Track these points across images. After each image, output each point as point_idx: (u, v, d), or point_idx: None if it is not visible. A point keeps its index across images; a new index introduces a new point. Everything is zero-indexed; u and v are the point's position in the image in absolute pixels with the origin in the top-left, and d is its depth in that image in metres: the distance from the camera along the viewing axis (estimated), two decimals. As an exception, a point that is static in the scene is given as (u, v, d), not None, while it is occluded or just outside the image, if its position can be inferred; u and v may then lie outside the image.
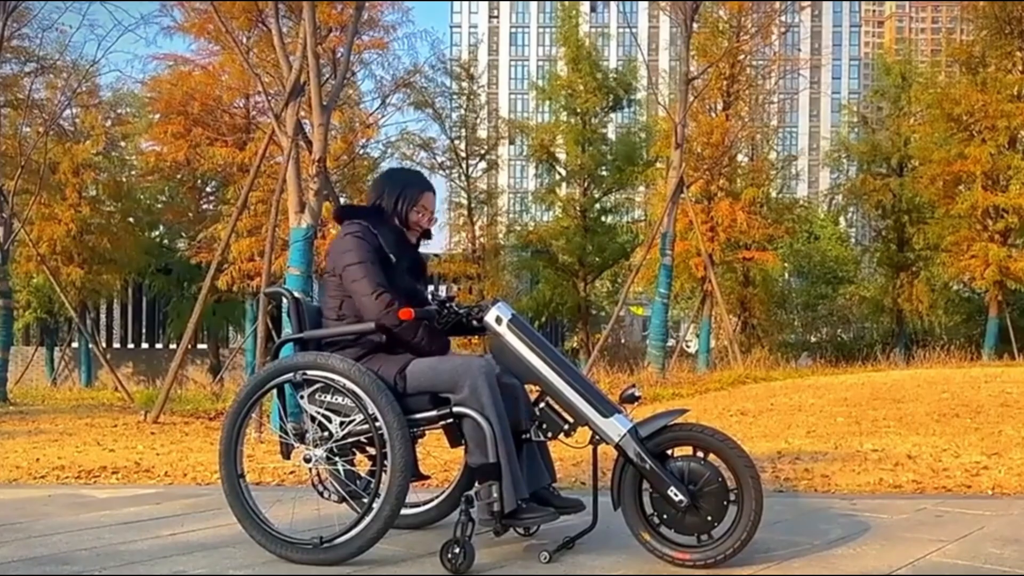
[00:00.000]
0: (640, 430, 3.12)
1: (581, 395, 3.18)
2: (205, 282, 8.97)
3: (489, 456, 3.12)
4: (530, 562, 3.22)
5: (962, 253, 20.83)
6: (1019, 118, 20.19)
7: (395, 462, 3.14)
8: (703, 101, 19.45)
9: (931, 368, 12.81)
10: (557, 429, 3.24)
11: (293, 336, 3.44)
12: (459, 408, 3.20)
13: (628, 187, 26.68)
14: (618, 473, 3.17)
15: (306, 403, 3.31)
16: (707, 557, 3.04)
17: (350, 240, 3.37)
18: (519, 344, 3.26)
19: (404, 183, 3.58)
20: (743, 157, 22.92)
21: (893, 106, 26.31)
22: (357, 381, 3.19)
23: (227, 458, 3.37)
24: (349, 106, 18.56)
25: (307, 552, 3.23)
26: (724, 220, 19.82)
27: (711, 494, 3.03)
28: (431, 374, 3.27)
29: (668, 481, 3.04)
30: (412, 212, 3.51)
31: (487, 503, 3.12)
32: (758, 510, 3.00)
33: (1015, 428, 6.54)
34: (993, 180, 20.66)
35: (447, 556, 3.08)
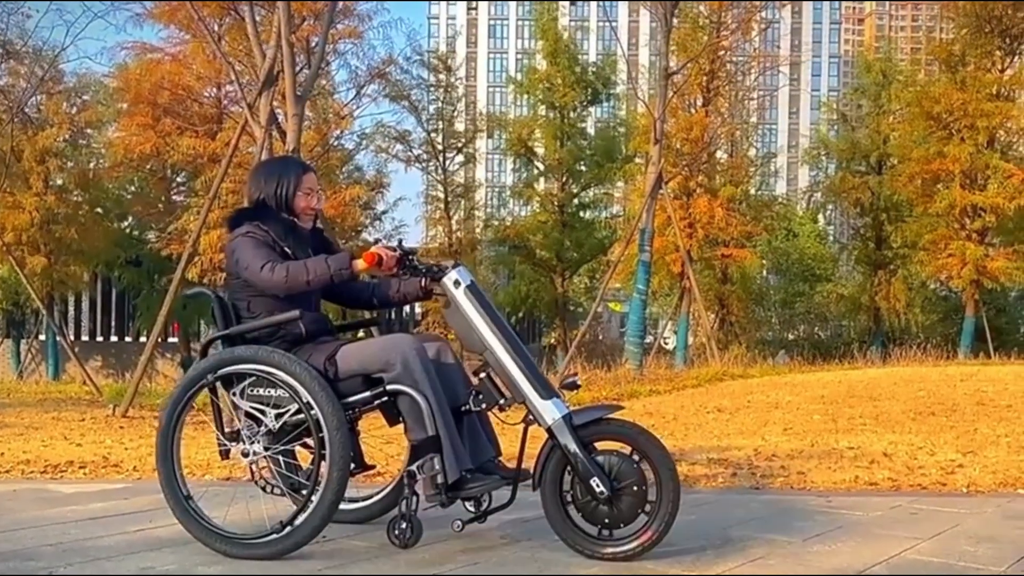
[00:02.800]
0: (574, 418, 3.16)
1: (524, 373, 3.21)
2: (176, 275, 8.90)
3: (428, 429, 3.16)
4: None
5: (939, 252, 21.07)
6: (998, 117, 20.45)
7: (333, 449, 3.15)
8: (682, 97, 19.55)
9: (907, 366, 12.96)
10: (493, 401, 3.27)
11: (219, 334, 3.43)
12: (393, 386, 3.22)
13: (606, 182, 26.76)
14: (544, 456, 3.20)
15: (238, 399, 3.32)
16: (618, 553, 3.11)
17: (238, 241, 3.41)
18: (472, 311, 3.27)
19: (279, 171, 3.56)
20: (722, 154, 23.06)
21: (873, 104, 26.56)
22: (289, 371, 3.21)
23: (164, 459, 3.37)
24: (323, 97, 18.49)
25: (246, 547, 3.23)
26: (703, 217, 19.93)
27: (630, 492, 3.08)
28: (361, 356, 3.29)
29: (592, 471, 3.08)
30: (297, 198, 3.50)
31: (430, 476, 3.15)
32: (672, 510, 3.08)
33: (990, 426, 6.63)
34: (971, 179, 20.91)
35: (395, 532, 3.15)
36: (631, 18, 77.81)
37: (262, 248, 3.36)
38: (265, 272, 3.30)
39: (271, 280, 3.30)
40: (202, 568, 3.13)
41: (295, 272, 3.30)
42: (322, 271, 3.31)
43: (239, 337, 3.41)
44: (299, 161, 3.77)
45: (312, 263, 3.33)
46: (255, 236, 3.39)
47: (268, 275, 3.30)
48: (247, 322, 3.42)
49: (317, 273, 3.30)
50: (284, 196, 3.48)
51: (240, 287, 3.43)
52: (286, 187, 3.48)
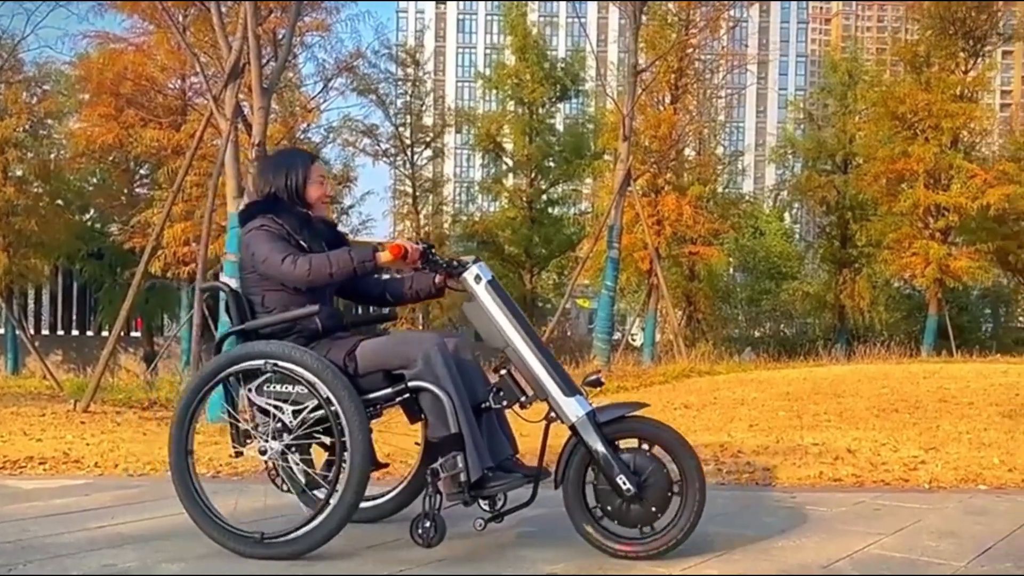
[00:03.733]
0: (598, 415, 3.14)
1: (547, 369, 3.19)
2: (139, 268, 8.78)
3: (450, 427, 3.12)
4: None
5: (903, 251, 21.36)
6: (961, 118, 20.75)
7: (354, 445, 3.11)
8: (651, 94, 19.61)
9: (871, 364, 13.12)
10: (513, 398, 3.24)
11: (234, 329, 3.39)
12: (415, 382, 3.18)
13: (575, 179, 26.84)
14: (567, 454, 3.18)
15: (254, 395, 3.27)
16: (642, 551, 3.10)
17: (252, 234, 3.37)
18: (494, 307, 3.25)
19: (286, 163, 3.53)
20: (690, 151, 23.18)
21: (839, 104, 26.86)
22: (309, 367, 3.17)
23: (178, 454, 3.31)
24: (290, 89, 18.34)
25: (269, 547, 3.18)
26: (671, 214, 20.02)
27: (656, 488, 3.08)
28: (382, 352, 3.27)
29: (619, 468, 3.07)
30: (308, 188, 3.47)
31: (452, 475, 3.11)
32: (699, 508, 3.08)
33: (952, 423, 6.74)
34: (935, 179, 21.21)
35: (418, 531, 3.10)
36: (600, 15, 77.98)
37: (279, 241, 3.32)
38: (287, 265, 3.26)
39: (293, 273, 3.26)
40: (164, 565, 3.11)
41: (318, 264, 3.26)
42: (345, 263, 3.28)
43: (253, 333, 3.37)
44: (305, 151, 3.72)
45: (335, 255, 3.30)
46: (269, 229, 3.34)
47: (290, 268, 3.26)
48: (262, 317, 3.37)
49: (340, 265, 3.27)
50: (295, 188, 3.45)
51: (255, 281, 3.39)
52: (295, 179, 3.46)
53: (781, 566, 3.11)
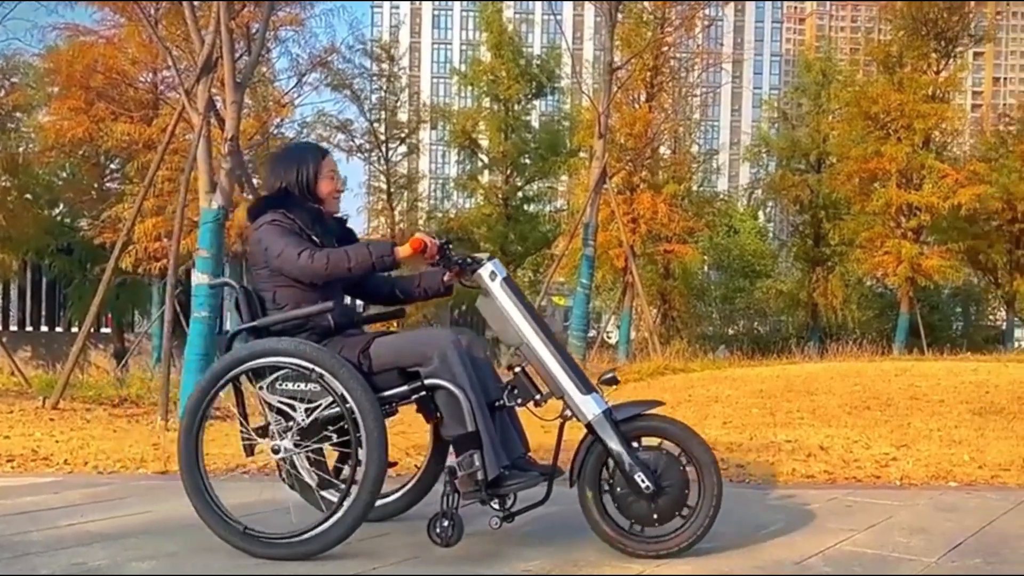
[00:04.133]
0: (615, 413, 3.13)
1: (563, 367, 3.17)
2: (109, 264, 8.69)
3: (467, 425, 3.09)
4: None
5: (876, 249, 21.58)
6: (933, 118, 21.00)
7: (370, 444, 3.08)
8: (627, 92, 19.67)
9: (844, 361, 13.23)
10: (528, 396, 3.21)
11: (245, 326, 3.31)
12: (431, 380, 3.15)
13: (551, 176, 26.88)
14: (583, 452, 3.17)
15: (266, 393, 3.22)
16: (659, 549, 3.10)
17: (264, 229, 3.31)
18: (509, 304, 3.22)
19: (297, 158, 3.48)
20: (665, 150, 23.28)
21: (813, 103, 27.09)
22: (323, 364, 3.12)
23: (187, 453, 3.27)
24: (264, 84, 18.21)
25: (276, 547, 3.14)
26: (646, 212, 20.10)
27: (672, 486, 3.07)
28: (397, 349, 3.23)
29: (637, 467, 3.06)
30: (320, 183, 3.43)
31: (469, 473, 3.08)
32: (716, 506, 3.08)
33: (923, 421, 6.82)
34: (907, 178, 21.45)
35: (436, 530, 3.07)
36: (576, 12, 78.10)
37: (292, 235, 3.27)
38: (303, 259, 3.20)
39: (310, 268, 3.21)
40: (135, 564, 3.08)
41: (336, 259, 3.21)
42: (364, 258, 3.23)
43: (264, 330, 3.30)
44: (316, 146, 3.66)
45: (353, 250, 3.26)
46: (282, 224, 3.29)
47: (307, 262, 3.20)
48: (273, 314, 3.31)
49: (359, 260, 3.23)
50: (306, 183, 3.40)
51: (265, 277, 3.33)
52: (306, 173, 3.40)
53: (754, 562, 3.13)
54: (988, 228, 23.54)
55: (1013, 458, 5.24)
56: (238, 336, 3.37)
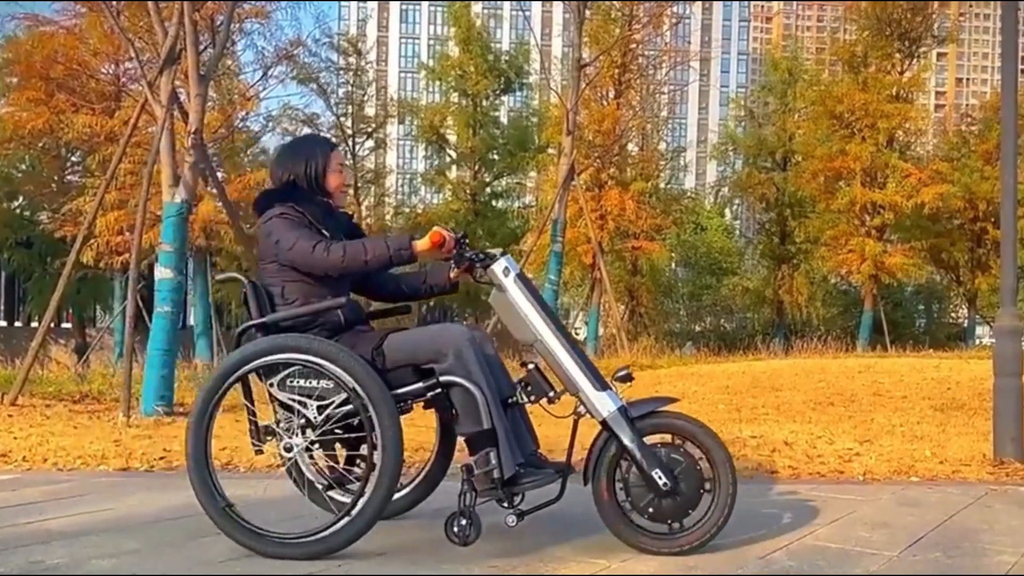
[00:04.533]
0: (630, 410, 3.09)
1: (577, 364, 3.12)
2: (70, 257, 8.56)
3: (483, 423, 3.03)
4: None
5: (840, 247, 21.85)
6: (897, 118, 21.29)
7: (386, 442, 3.02)
8: (595, 89, 19.73)
9: (808, 358, 13.38)
10: (542, 393, 3.16)
11: (255, 322, 3.21)
12: (446, 377, 3.09)
13: (519, 172, 26.89)
14: (597, 449, 3.13)
15: (276, 390, 3.13)
16: (673, 546, 3.09)
17: (274, 222, 3.22)
18: (523, 300, 3.17)
19: (305, 151, 3.41)
20: (633, 147, 23.38)
21: (779, 102, 27.36)
22: (337, 361, 3.06)
23: (196, 450, 3.15)
24: (228, 77, 18.04)
25: (292, 546, 3.06)
26: (614, 209, 20.20)
27: (689, 484, 3.05)
28: (411, 345, 3.17)
29: (654, 464, 3.02)
30: (328, 176, 3.36)
31: (486, 471, 3.02)
32: (731, 504, 3.07)
33: (886, 416, 6.91)
34: (871, 177, 21.74)
35: (453, 529, 3.01)
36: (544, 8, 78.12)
37: (304, 228, 3.19)
38: (319, 252, 3.13)
39: (326, 261, 3.14)
40: (95, 562, 3.03)
41: (353, 252, 3.14)
42: (381, 251, 3.17)
43: (273, 326, 3.20)
44: (324, 138, 3.59)
45: (370, 243, 3.20)
46: (291, 217, 3.21)
47: (322, 255, 3.13)
48: (282, 309, 3.22)
49: (376, 253, 3.16)
50: (314, 176, 3.33)
51: (274, 272, 3.24)
52: (315, 167, 3.33)
53: (718, 557, 3.15)
54: (950, 227, 23.94)
55: (973, 453, 5.32)
56: (246, 332, 3.28)
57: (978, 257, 24.11)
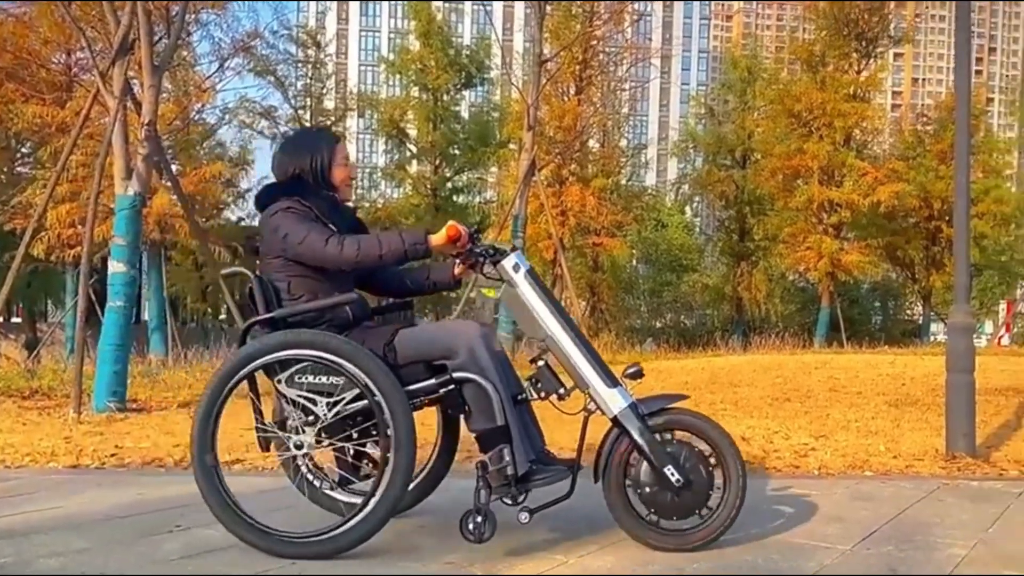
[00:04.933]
0: (641, 407, 3.10)
1: (588, 360, 3.11)
2: (19, 251, 8.39)
3: (497, 419, 3.01)
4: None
5: (798, 245, 22.14)
6: (854, 117, 21.61)
7: (399, 439, 2.98)
8: (556, 85, 19.78)
9: (766, 354, 13.54)
10: (552, 390, 3.13)
11: (261, 317, 3.14)
12: (460, 373, 3.06)
13: (480, 167, 26.87)
14: (608, 446, 3.12)
15: (284, 387, 3.08)
16: (683, 542, 3.10)
17: (280, 216, 3.16)
18: (534, 296, 3.16)
19: (311, 144, 3.36)
20: (594, 143, 23.46)
21: (739, 100, 27.63)
22: (350, 357, 3.02)
23: (201, 449, 3.07)
24: (184, 68, 17.80)
25: (301, 545, 3.02)
26: (575, 205, 20.26)
27: (699, 480, 3.06)
28: (423, 341, 3.14)
29: (667, 460, 3.04)
30: (334, 170, 3.31)
31: (499, 468, 2.99)
32: (740, 501, 3.09)
33: (841, 412, 7.01)
34: (829, 176, 22.05)
35: (469, 527, 2.97)
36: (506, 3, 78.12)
37: (313, 222, 3.14)
38: (332, 247, 3.08)
39: (340, 256, 3.09)
40: (43, 561, 2.98)
41: (368, 247, 3.10)
42: (397, 246, 3.11)
43: (281, 321, 3.14)
44: (329, 131, 3.53)
45: (385, 237, 3.14)
46: (298, 211, 3.15)
47: (336, 250, 3.08)
48: (288, 305, 3.17)
49: (391, 248, 3.11)
50: (320, 169, 3.27)
51: (280, 267, 3.18)
52: (321, 160, 3.28)
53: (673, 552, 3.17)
54: (906, 225, 24.36)
55: (927, 448, 5.42)
56: (252, 328, 3.20)
57: (933, 255, 24.55)
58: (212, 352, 11.28)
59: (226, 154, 23.17)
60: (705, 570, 2.96)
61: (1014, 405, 7.38)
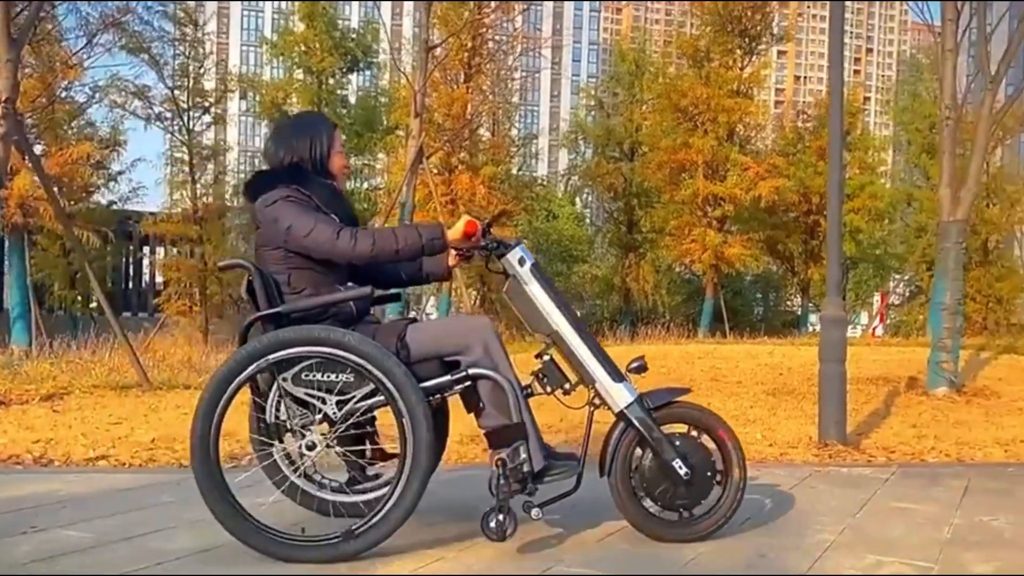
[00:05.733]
0: (648, 401, 3.14)
1: (594, 355, 3.13)
2: None
3: (513, 416, 3.00)
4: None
5: (684, 237, 22.71)
6: (737, 113, 22.27)
7: (418, 435, 2.92)
8: (445, 72, 19.69)
9: (652, 344, 13.82)
10: (557, 384, 3.16)
11: (266, 312, 3.02)
12: (475, 370, 3.02)
13: (367, 153, 26.53)
14: (615, 440, 3.15)
15: (290, 385, 2.97)
16: (688, 533, 3.15)
17: (282, 205, 3.03)
18: (540, 291, 3.15)
19: (311, 130, 3.24)
20: (484, 131, 23.49)
21: (627, 93, 28.11)
22: (367, 355, 2.92)
23: (202, 451, 2.93)
24: (49, 42, 16.94)
25: (322, 549, 2.93)
26: (464, 193, 20.24)
27: (703, 473, 3.13)
28: (436, 337, 3.09)
29: (675, 453, 3.09)
30: (333, 157, 3.22)
31: (516, 465, 2.98)
32: (741, 495, 3.17)
33: (721, 401, 7.20)
34: (713, 170, 22.66)
35: (491, 524, 2.95)
36: (395, -14, 77.28)
37: (316, 213, 3.03)
38: (344, 241, 2.96)
39: (354, 249, 2.98)
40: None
41: (383, 241, 3.00)
42: (414, 240, 3.03)
43: (284, 317, 3.02)
44: (325, 117, 3.43)
45: (401, 231, 3.07)
46: (298, 200, 3.03)
47: (348, 243, 2.96)
48: (290, 298, 3.05)
49: (408, 243, 3.02)
50: (320, 157, 3.17)
51: (279, 259, 3.06)
52: (321, 147, 3.17)
53: (556, 540, 3.18)
54: (786, 219, 25.28)
55: (801, 436, 5.63)
56: (254, 324, 3.06)
57: (811, 248, 25.55)
58: (80, 343, 10.74)
59: (96, 134, 22.20)
60: (578, 563, 2.98)
61: (883, 393, 7.75)
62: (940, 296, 8.33)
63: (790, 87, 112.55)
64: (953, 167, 8.26)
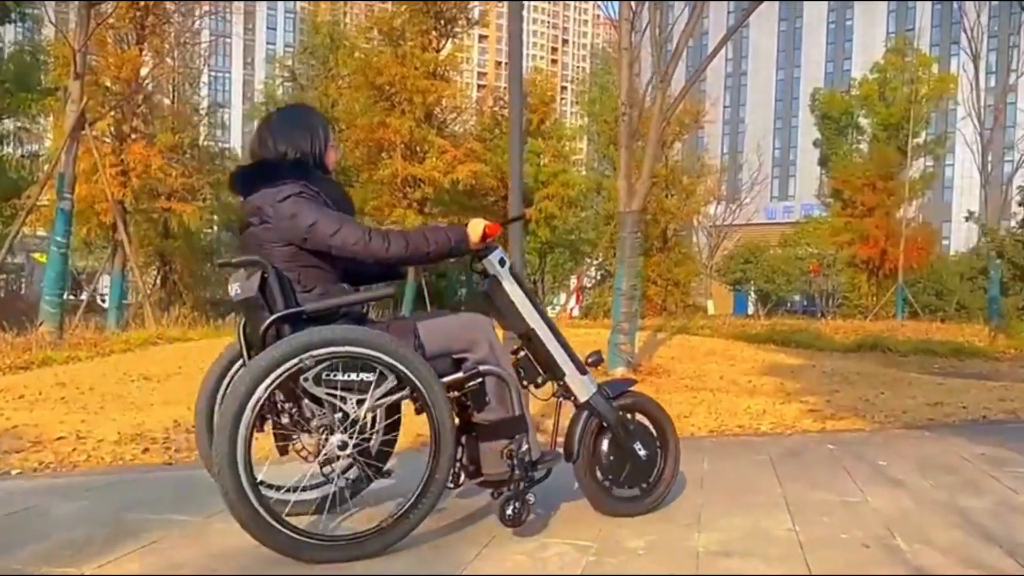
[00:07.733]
0: (607, 391, 3.52)
1: (564, 350, 3.44)
2: None
3: (514, 409, 3.25)
4: None
5: (384, 218, 22.85)
6: (434, 95, 22.71)
7: (444, 431, 3.06)
8: (115, 31, 18.34)
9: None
10: (531, 379, 3.45)
11: (285, 312, 2.99)
12: (485, 366, 3.23)
13: (23, 115, 24.15)
14: (580, 428, 3.47)
15: (311, 385, 2.96)
16: (645, 505, 3.60)
17: (295, 202, 3.04)
18: (517, 291, 3.39)
19: (309, 124, 3.27)
20: (163, 98, 22.21)
21: (322, 66, 27.74)
22: (394, 354, 3.01)
23: (230, 452, 2.86)
24: None
25: (341, 549, 2.99)
26: (138, 164, 19.01)
27: (651, 451, 3.61)
28: (446, 334, 3.25)
29: (636, 437, 3.56)
30: (328, 152, 3.30)
31: (521, 456, 3.21)
32: (676, 465, 3.69)
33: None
34: (412, 151, 22.98)
35: (508, 512, 3.17)
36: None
37: (331, 210, 3.09)
38: (377, 242, 3.06)
39: (387, 252, 3.09)
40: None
41: (416, 243, 3.14)
42: (443, 242, 3.19)
43: (298, 316, 3.02)
44: (316, 110, 3.49)
45: (431, 232, 3.21)
46: (311, 196, 3.07)
47: (381, 244, 3.07)
48: (301, 297, 3.07)
49: (439, 246, 3.18)
50: (319, 152, 3.24)
51: (290, 256, 3.07)
52: (320, 143, 3.25)
53: (221, 546, 3.08)
54: (485, 203, 26.21)
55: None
56: (273, 324, 3.02)
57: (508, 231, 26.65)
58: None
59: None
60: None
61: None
62: (619, 282, 8.99)
63: (492, 72, 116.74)
64: (630, 160, 8.94)
